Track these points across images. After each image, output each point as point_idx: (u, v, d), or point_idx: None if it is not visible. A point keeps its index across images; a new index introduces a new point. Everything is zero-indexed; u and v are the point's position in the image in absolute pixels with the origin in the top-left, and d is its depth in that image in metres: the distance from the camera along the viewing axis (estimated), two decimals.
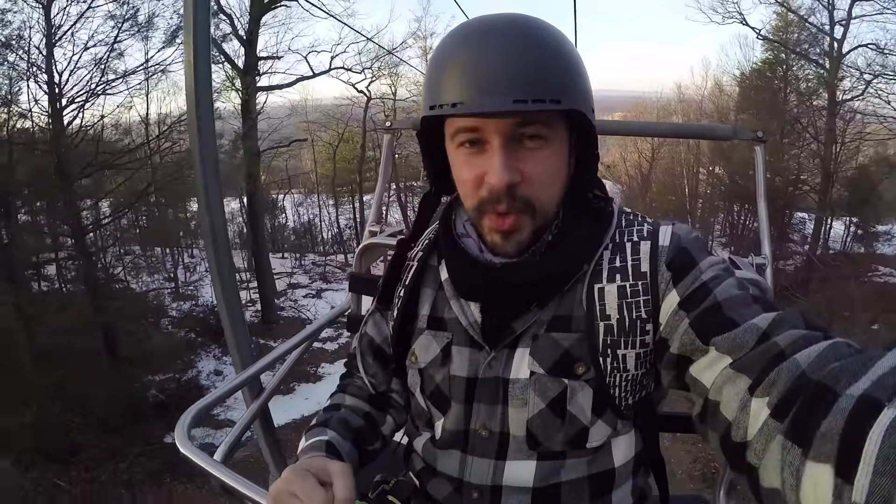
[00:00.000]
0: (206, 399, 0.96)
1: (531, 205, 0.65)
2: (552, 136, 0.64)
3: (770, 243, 1.51)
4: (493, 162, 0.62)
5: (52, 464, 6.65)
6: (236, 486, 0.74)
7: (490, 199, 0.65)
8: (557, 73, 0.61)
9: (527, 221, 0.67)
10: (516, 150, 0.63)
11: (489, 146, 0.63)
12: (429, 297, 0.80)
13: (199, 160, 1.27)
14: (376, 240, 1.53)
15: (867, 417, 0.36)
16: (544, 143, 0.64)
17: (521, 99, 0.58)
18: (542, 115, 0.62)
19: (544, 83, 0.60)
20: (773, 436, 0.45)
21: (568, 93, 0.61)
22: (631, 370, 0.68)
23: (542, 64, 0.60)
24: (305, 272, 17.57)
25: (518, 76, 0.59)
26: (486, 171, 0.63)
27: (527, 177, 0.64)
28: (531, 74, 0.59)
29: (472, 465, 0.74)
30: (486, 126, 0.62)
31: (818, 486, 0.38)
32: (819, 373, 0.45)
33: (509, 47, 0.60)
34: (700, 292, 0.63)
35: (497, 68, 0.59)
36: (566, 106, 0.61)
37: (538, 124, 0.63)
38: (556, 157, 0.66)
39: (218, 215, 1.32)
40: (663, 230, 0.71)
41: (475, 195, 0.66)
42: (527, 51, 0.60)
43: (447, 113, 0.62)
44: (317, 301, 14.15)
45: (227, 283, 1.37)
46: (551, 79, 0.60)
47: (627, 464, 0.75)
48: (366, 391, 0.87)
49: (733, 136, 1.57)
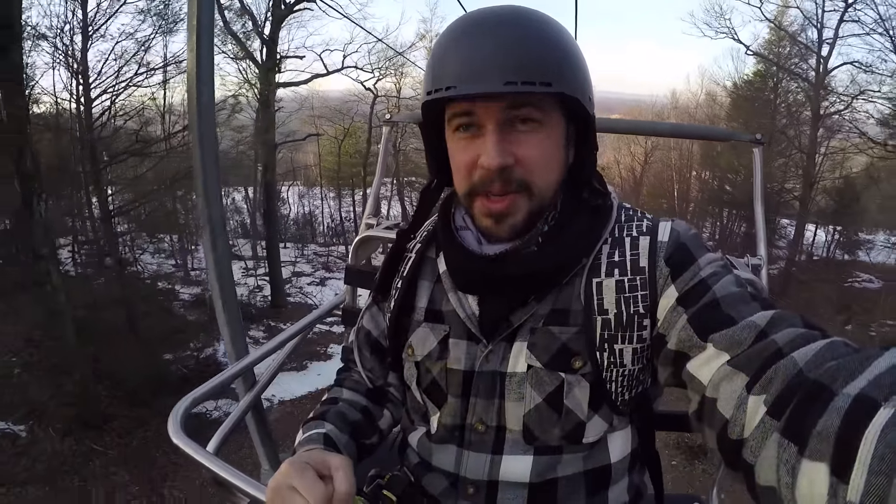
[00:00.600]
0: (198, 390, 0.95)
1: (527, 186, 0.66)
2: (546, 119, 0.65)
3: (766, 245, 1.50)
4: (487, 145, 0.63)
5: (89, 430, 7.16)
6: (228, 477, 0.73)
7: (482, 182, 0.65)
8: (550, 59, 0.62)
9: (522, 203, 0.67)
10: (510, 134, 0.64)
11: (484, 130, 0.64)
12: (426, 290, 0.80)
13: (199, 152, 1.26)
14: (373, 232, 1.53)
15: (863, 416, 0.36)
16: (538, 126, 0.64)
17: (511, 81, 0.59)
18: (535, 98, 0.63)
19: (536, 67, 0.60)
20: (769, 433, 0.45)
21: (561, 78, 0.62)
22: (628, 365, 0.69)
23: (535, 48, 0.61)
24: (308, 261, 18.12)
25: (509, 60, 0.60)
26: (480, 153, 0.64)
27: (520, 159, 0.64)
28: (522, 58, 0.60)
29: (467, 459, 0.74)
30: (480, 110, 0.63)
31: (814, 485, 0.38)
32: (816, 371, 0.44)
33: (502, 33, 0.61)
34: (698, 288, 0.63)
35: (488, 52, 0.60)
36: (557, 89, 0.61)
37: (530, 107, 0.63)
38: (550, 141, 0.66)
39: (216, 207, 1.32)
40: (663, 226, 0.71)
41: (468, 179, 0.67)
42: (519, 35, 0.61)
43: (441, 97, 0.63)
44: (322, 288, 14.72)
45: (223, 275, 1.37)
46: (543, 63, 0.61)
47: (623, 460, 0.75)
48: (363, 385, 0.88)
49: (731, 137, 1.57)
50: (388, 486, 0.78)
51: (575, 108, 0.67)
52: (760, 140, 1.53)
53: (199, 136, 1.25)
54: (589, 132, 0.70)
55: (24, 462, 6.20)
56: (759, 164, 1.55)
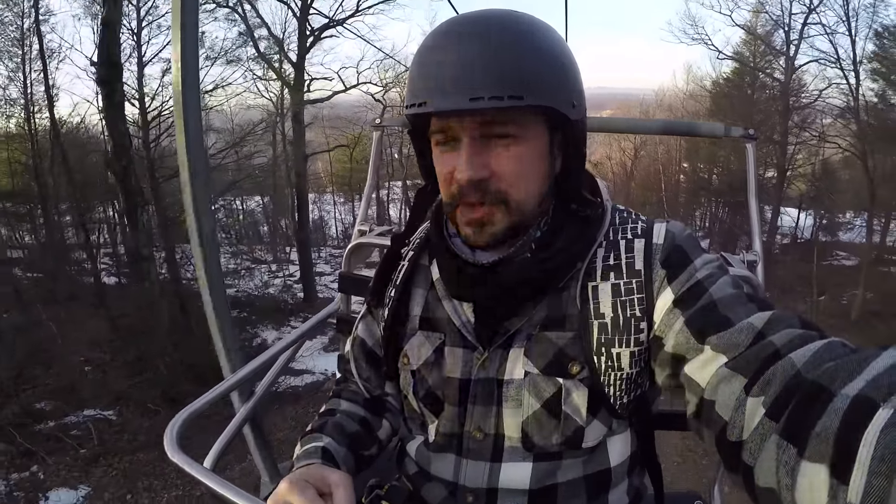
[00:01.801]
0: (193, 405, 0.93)
1: (504, 199, 0.65)
2: (523, 133, 0.63)
3: (761, 240, 1.49)
4: (461, 158, 0.63)
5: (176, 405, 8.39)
6: (226, 493, 0.71)
7: (460, 192, 0.65)
8: (524, 68, 0.59)
9: (500, 215, 0.65)
10: (485, 147, 0.63)
11: (461, 143, 0.63)
12: (420, 298, 0.79)
13: (187, 160, 1.23)
14: (365, 239, 1.51)
15: (862, 417, 0.36)
16: (514, 140, 0.63)
17: (477, 97, 0.57)
18: (512, 112, 0.60)
19: (506, 79, 0.58)
20: (768, 435, 0.45)
21: (535, 89, 0.59)
22: (625, 369, 0.68)
23: (506, 59, 0.58)
24: (326, 262, 19.51)
25: (475, 74, 0.57)
26: (456, 166, 0.64)
27: (496, 173, 0.63)
28: (490, 71, 0.57)
29: (466, 468, 0.74)
30: (454, 125, 0.63)
31: (813, 486, 0.38)
32: (814, 372, 0.44)
33: (471, 44, 0.59)
34: (695, 290, 0.62)
35: (456, 66, 0.58)
36: (530, 102, 0.59)
37: (508, 123, 0.61)
38: (529, 155, 0.64)
39: (207, 218, 1.30)
40: (657, 228, 0.70)
41: (448, 190, 0.67)
42: (490, 46, 0.58)
43: (415, 112, 0.61)
44: None
45: (215, 285, 1.35)
46: (515, 74, 0.58)
47: (623, 463, 0.75)
48: (361, 395, 0.87)
49: (724, 133, 1.54)
50: (387, 497, 0.78)
51: (557, 116, 0.64)
52: (753, 136, 1.52)
53: (187, 145, 1.22)
54: (574, 141, 0.68)
55: (127, 437, 7.25)
56: (752, 160, 1.55)
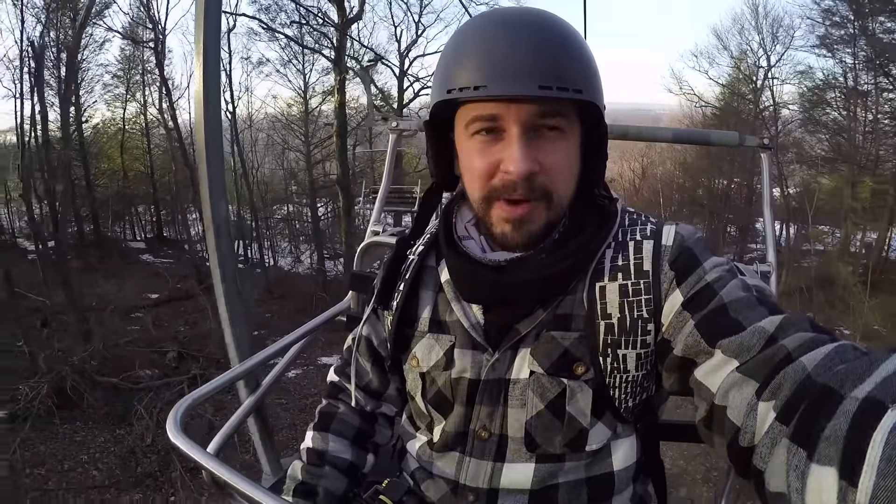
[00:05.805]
0: (198, 391, 0.94)
1: (548, 195, 0.65)
2: (569, 128, 0.64)
3: (775, 251, 1.44)
4: (512, 151, 0.61)
5: None
6: (228, 478, 0.71)
7: (504, 187, 0.64)
8: (577, 65, 0.61)
9: (541, 211, 0.66)
10: (535, 140, 0.62)
11: (506, 135, 0.62)
12: (429, 300, 0.79)
13: (206, 158, 1.30)
14: (378, 239, 1.54)
15: (871, 419, 0.36)
16: (562, 134, 0.63)
17: (546, 85, 0.58)
18: (563, 106, 0.62)
19: (567, 72, 0.59)
20: (778, 439, 0.44)
21: (588, 85, 0.61)
22: (631, 371, 0.67)
23: (564, 54, 0.60)
24: None
25: (542, 63, 0.58)
26: (503, 159, 0.62)
27: (545, 167, 0.63)
28: (554, 62, 0.59)
29: (469, 466, 0.74)
30: (506, 113, 0.61)
31: (823, 489, 0.38)
32: (824, 375, 0.44)
33: (531, 35, 0.59)
34: (705, 293, 0.61)
35: (520, 54, 0.58)
36: (587, 97, 0.61)
37: (558, 116, 0.62)
38: (571, 150, 0.66)
39: (222, 211, 1.35)
40: (667, 229, 0.70)
41: (486, 184, 0.65)
42: (547, 40, 0.60)
43: (466, 97, 0.60)
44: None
45: (227, 275, 1.39)
46: (573, 69, 0.60)
47: (628, 469, 0.74)
48: (350, 425, 0.87)
49: (739, 143, 1.50)
50: (385, 492, 0.79)
51: (593, 117, 0.66)
52: (768, 145, 1.48)
53: (206, 142, 1.30)
54: (602, 141, 0.69)
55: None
56: (767, 170, 1.51)
